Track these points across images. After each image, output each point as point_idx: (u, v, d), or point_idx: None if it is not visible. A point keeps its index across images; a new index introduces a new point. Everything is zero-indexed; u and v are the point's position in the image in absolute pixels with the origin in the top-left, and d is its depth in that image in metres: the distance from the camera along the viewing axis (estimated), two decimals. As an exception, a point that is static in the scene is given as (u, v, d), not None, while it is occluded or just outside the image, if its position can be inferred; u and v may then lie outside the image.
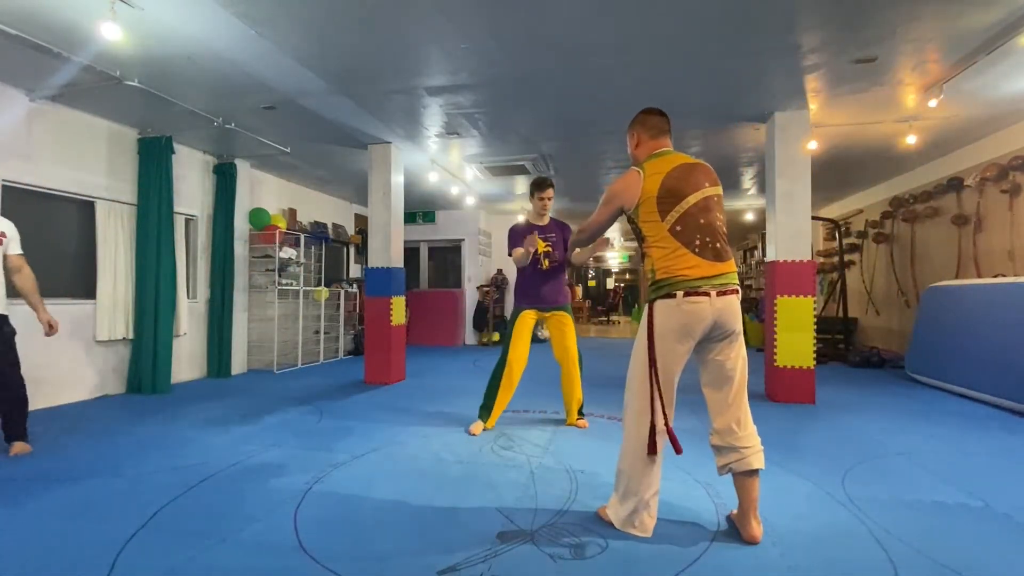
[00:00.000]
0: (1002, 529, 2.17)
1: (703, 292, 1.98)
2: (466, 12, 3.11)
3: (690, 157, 2.19)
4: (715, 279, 2.01)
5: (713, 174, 2.17)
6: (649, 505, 2.10)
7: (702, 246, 2.02)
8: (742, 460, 2.07)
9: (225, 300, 6.01)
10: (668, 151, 2.21)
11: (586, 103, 4.58)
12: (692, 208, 2.04)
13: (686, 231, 2.02)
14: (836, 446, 3.33)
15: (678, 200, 2.04)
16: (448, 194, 8.01)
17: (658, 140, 2.24)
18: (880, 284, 7.98)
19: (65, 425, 3.83)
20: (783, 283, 4.63)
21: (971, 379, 4.71)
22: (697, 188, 2.07)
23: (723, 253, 2.06)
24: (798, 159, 4.67)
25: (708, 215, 2.05)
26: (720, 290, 2.00)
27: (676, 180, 2.07)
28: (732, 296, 2.04)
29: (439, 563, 1.87)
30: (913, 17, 3.15)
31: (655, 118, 2.26)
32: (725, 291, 2.02)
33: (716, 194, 2.13)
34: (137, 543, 2.03)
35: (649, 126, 2.26)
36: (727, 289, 2.02)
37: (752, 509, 2.06)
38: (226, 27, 3.23)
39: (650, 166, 2.13)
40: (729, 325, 2.05)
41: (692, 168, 2.12)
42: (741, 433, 2.13)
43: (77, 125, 4.67)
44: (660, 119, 2.27)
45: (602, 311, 19.10)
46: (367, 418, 4.05)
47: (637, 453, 2.10)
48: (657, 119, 2.27)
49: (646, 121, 2.27)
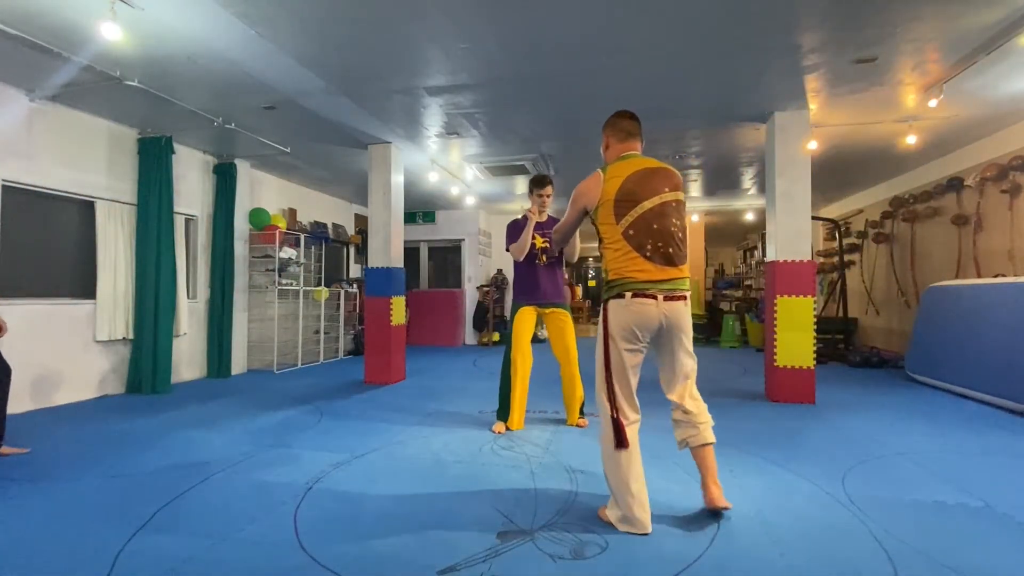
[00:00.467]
0: (1002, 529, 2.17)
1: (650, 295, 2.07)
2: (466, 12, 3.11)
3: (655, 162, 2.22)
4: (663, 283, 2.09)
5: (675, 179, 2.20)
6: (638, 499, 2.11)
7: (653, 250, 2.07)
8: (697, 435, 2.24)
9: (225, 300, 6.01)
10: (634, 155, 2.26)
11: (586, 103, 4.58)
12: (647, 213, 2.09)
13: (639, 235, 2.08)
14: (836, 446, 3.32)
15: (634, 204, 2.10)
16: (448, 194, 8.01)
17: (626, 143, 2.29)
18: (880, 284, 7.98)
19: (65, 425, 3.83)
20: (783, 283, 4.63)
21: (971, 379, 4.71)
22: (655, 193, 2.11)
23: (675, 258, 2.11)
24: (798, 159, 4.67)
25: (663, 220, 2.10)
26: (667, 294, 2.09)
27: (634, 184, 2.11)
28: (679, 302, 2.12)
29: (439, 563, 1.87)
30: (913, 17, 3.15)
31: (625, 121, 2.31)
32: (672, 296, 2.10)
33: (675, 199, 2.16)
34: (137, 543, 2.03)
35: (618, 129, 2.31)
36: (675, 294, 2.10)
37: (710, 476, 2.22)
38: (226, 27, 3.23)
39: (612, 169, 2.19)
40: (677, 328, 2.16)
41: (653, 173, 2.16)
42: (695, 410, 2.27)
43: (77, 125, 4.67)
44: (630, 123, 2.32)
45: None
46: (367, 418, 4.05)
47: (608, 450, 2.16)
48: (627, 123, 2.31)
49: (616, 124, 2.32)
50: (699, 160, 6.45)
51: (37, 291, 4.46)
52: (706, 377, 6.08)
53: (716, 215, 10.68)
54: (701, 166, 6.74)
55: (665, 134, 5.44)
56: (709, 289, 11.85)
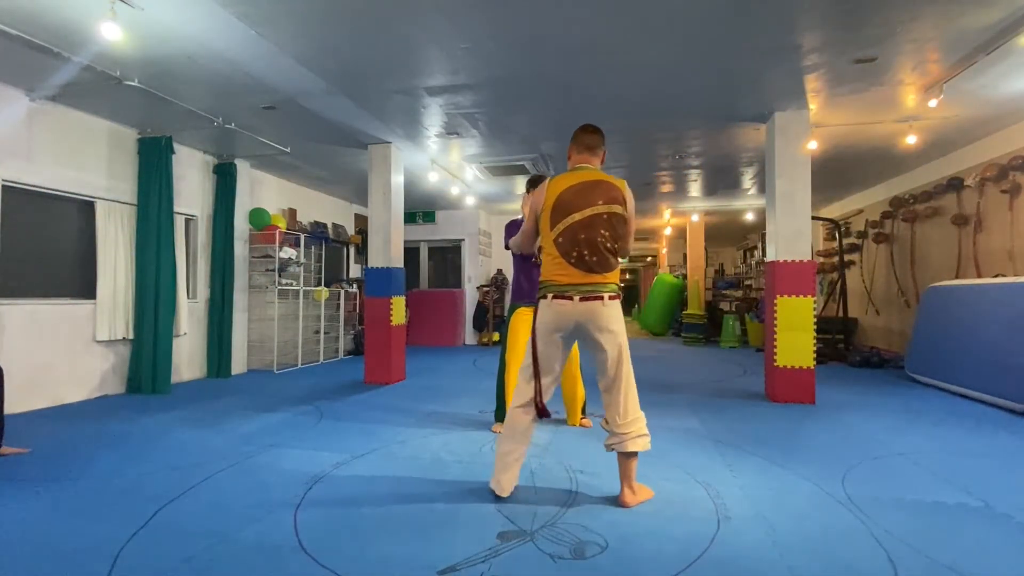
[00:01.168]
0: (1002, 529, 2.17)
1: (567, 296, 2.27)
2: (466, 12, 3.11)
3: (601, 175, 2.35)
4: (581, 287, 2.27)
5: (615, 192, 2.31)
6: (509, 468, 2.42)
7: (578, 258, 2.25)
8: (621, 444, 2.34)
9: (225, 300, 6.01)
10: (584, 168, 2.40)
11: (586, 103, 4.58)
12: (576, 224, 2.25)
13: (566, 243, 2.26)
14: (836, 446, 3.33)
15: (566, 215, 2.26)
16: (448, 194, 8.01)
17: (582, 156, 2.45)
18: (880, 284, 7.98)
19: (65, 425, 3.83)
20: (783, 283, 4.63)
21: (971, 379, 4.71)
22: (587, 205, 2.26)
23: (598, 266, 2.27)
24: (798, 159, 4.67)
25: (590, 231, 2.24)
26: (583, 296, 2.26)
27: (571, 195, 2.28)
28: (595, 302, 2.26)
29: (439, 563, 1.87)
30: (913, 17, 3.15)
31: (585, 136, 2.46)
32: (587, 297, 2.26)
33: (608, 212, 2.27)
34: (137, 543, 2.03)
35: (578, 142, 2.47)
36: (590, 295, 2.25)
37: (625, 481, 2.35)
38: (226, 27, 3.23)
39: (557, 179, 2.36)
40: (594, 327, 2.29)
41: (593, 186, 2.30)
42: (621, 421, 2.35)
43: (77, 125, 4.67)
44: (590, 137, 2.46)
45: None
46: (367, 418, 4.05)
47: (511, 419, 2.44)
48: (588, 137, 2.46)
49: (577, 137, 2.48)
50: (699, 160, 6.45)
51: (37, 291, 4.46)
52: (706, 377, 6.09)
53: (716, 215, 10.68)
54: (701, 166, 6.74)
55: (665, 134, 5.44)
56: (709, 289, 11.85)
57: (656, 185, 7.90)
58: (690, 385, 5.55)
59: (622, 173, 7.12)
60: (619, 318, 2.34)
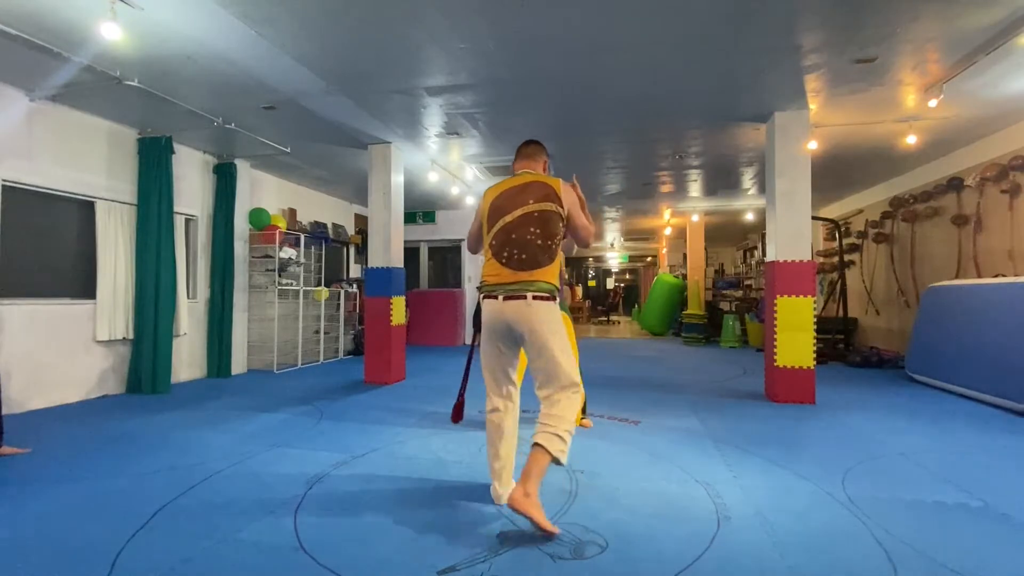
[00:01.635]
0: (1002, 529, 2.17)
1: (494, 296, 2.29)
2: (466, 12, 3.11)
3: (536, 176, 2.41)
4: (509, 285, 2.27)
5: (547, 190, 2.33)
6: (498, 475, 2.38)
7: (508, 257, 2.28)
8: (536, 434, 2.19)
9: (225, 300, 6.01)
10: (521, 173, 2.46)
11: (586, 103, 4.58)
12: (508, 225, 2.29)
13: (498, 244, 2.31)
14: (836, 446, 3.33)
15: (499, 217, 2.32)
16: (448, 194, 8.01)
17: (521, 163, 2.54)
18: (880, 284, 7.98)
19: (65, 425, 3.83)
20: (783, 283, 4.63)
21: (971, 379, 4.71)
22: (518, 207, 2.30)
23: (528, 263, 2.26)
24: (798, 159, 4.67)
25: (520, 231, 2.27)
26: (507, 295, 2.26)
27: (503, 200, 2.34)
28: (518, 301, 2.24)
29: (439, 563, 1.87)
30: (913, 17, 3.15)
31: (523, 147, 2.57)
32: (511, 296, 2.25)
33: (539, 210, 2.29)
34: (137, 543, 2.03)
35: (518, 153, 2.57)
36: (513, 294, 2.25)
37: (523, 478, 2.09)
38: (226, 27, 3.23)
39: (494, 187, 2.43)
40: (521, 325, 2.25)
41: (523, 188, 2.35)
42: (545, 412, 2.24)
43: (77, 125, 4.67)
44: (527, 148, 2.56)
45: (602, 311, 19.09)
46: (367, 418, 4.05)
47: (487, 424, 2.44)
48: (524, 148, 2.56)
49: (519, 149, 2.58)
50: (699, 160, 6.45)
51: (37, 291, 4.46)
52: (706, 377, 6.09)
53: (716, 215, 10.68)
54: (701, 166, 6.74)
55: (665, 134, 5.44)
56: (709, 289, 11.85)
57: (656, 185, 7.90)
58: (690, 385, 5.55)
59: (622, 173, 7.13)
60: (545, 318, 2.22)
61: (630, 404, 4.51)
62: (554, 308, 2.28)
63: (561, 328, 2.29)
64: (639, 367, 6.94)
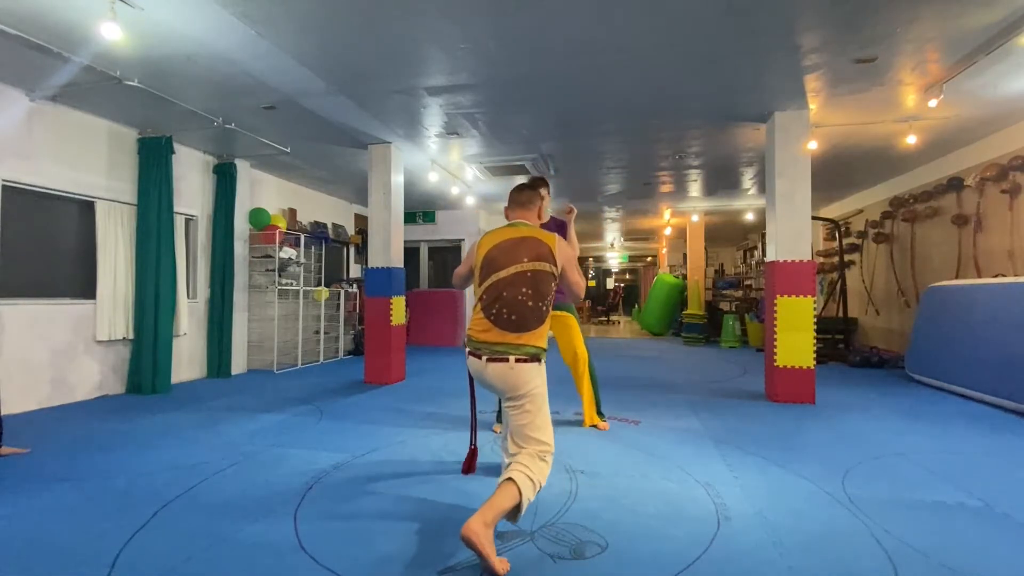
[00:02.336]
0: (1002, 529, 2.17)
1: (478, 354, 2.21)
2: (466, 12, 3.11)
3: (530, 231, 2.32)
4: (494, 346, 2.17)
5: (541, 249, 2.25)
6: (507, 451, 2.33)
7: (497, 315, 2.19)
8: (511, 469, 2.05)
9: (225, 300, 6.01)
10: (514, 223, 2.39)
11: (586, 103, 4.58)
12: (500, 281, 2.21)
13: (488, 299, 2.22)
14: (836, 446, 3.33)
15: (492, 272, 2.24)
16: (448, 194, 8.01)
17: (513, 211, 2.46)
18: (880, 284, 7.98)
19: (65, 425, 3.83)
20: (783, 283, 4.63)
21: (971, 379, 4.71)
22: (512, 263, 2.22)
23: (516, 325, 2.17)
24: (798, 159, 4.67)
25: (512, 289, 2.19)
26: (491, 356, 2.17)
27: (497, 253, 2.27)
28: (502, 364, 2.15)
29: (439, 563, 1.87)
30: (913, 17, 3.15)
31: (516, 193, 2.47)
32: (495, 358, 2.16)
33: (533, 269, 2.21)
34: (137, 543, 2.03)
35: (511, 200, 2.48)
36: (497, 356, 2.16)
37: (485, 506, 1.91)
38: (226, 27, 3.23)
39: (488, 236, 2.36)
40: (503, 387, 2.17)
41: (519, 243, 2.27)
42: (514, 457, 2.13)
43: (77, 125, 4.67)
44: (519, 194, 2.47)
45: (602, 311, 19.09)
46: (367, 418, 4.05)
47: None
48: (517, 194, 2.47)
49: (511, 195, 2.49)
50: (699, 160, 6.45)
51: (37, 291, 4.46)
52: (706, 377, 6.09)
53: (716, 215, 10.68)
54: (701, 166, 6.74)
55: (665, 134, 5.44)
56: (709, 289, 11.85)
57: (656, 185, 7.90)
58: (690, 385, 5.55)
59: (622, 173, 7.13)
60: (527, 380, 2.14)
61: (630, 404, 4.52)
62: (538, 370, 2.19)
63: (543, 391, 2.21)
64: (639, 367, 6.94)
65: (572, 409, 4.21)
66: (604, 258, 21.26)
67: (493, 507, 1.89)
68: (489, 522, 1.86)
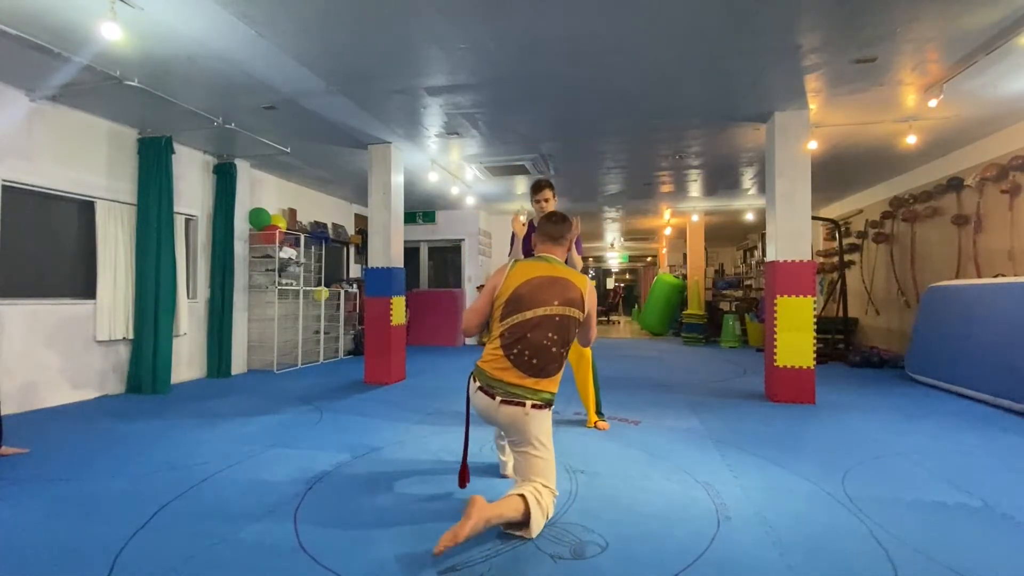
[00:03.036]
0: (1002, 529, 2.17)
1: (491, 393, 2.14)
2: (466, 12, 3.11)
3: (564, 271, 2.27)
4: (511, 387, 2.12)
5: (572, 293, 2.21)
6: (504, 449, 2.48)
7: (519, 355, 2.13)
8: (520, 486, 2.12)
9: (225, 300, 6.01)
10: (544, 257, 2.34)
11: (586, 103, 4.58)
12: (525, 322, 2.14)
13: (511, 338, 2.15)
14: (836, 446, 3.33)
15: (519, 310, 2.17)
16: (448, 194, 8.01)
17: (545, 245, 2.39)
18: (880, 284, 7.98)
19: (65, 425, 3.83)
20: (783, 283, 4.63)
21: (971, 379, 4.71)
22: (540, 305, 2.16)
23: (539, 371, 2.13)
24: (798, 159, 4.67)
25: (537, 332, 2.13)
26: (505, 398, 2.12)
27: (526, 290, 2.19)
28: (516, 408, 2.11)
29: (439, 563, 1.87)
30: (913, 17, 3.15)
31: (549, 226, 2.40)
32: (509, 401, 2.12)
33: (560, 314, 2.17)
34: (137, 543, 2.03)
35: (542, 232, 2.41)
36: (513, 399, 2.11)
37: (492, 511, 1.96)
38: (226, 27, 3.23)
39: (519, 268, 2.28)
40: (513, 430, 2.16)
41: (551, 283, 2.21)
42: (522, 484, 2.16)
43: (77, 125, 4.67)
44: (553, 227, 2.39)
45: (602, 311, 19.09)
46: (367, 418, 4.05)
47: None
48: (550, 227, 2.40)
49: (541, 226, 2.43)
50: (699, 160, 6.45)
51: (37, 291, 4.46)
52: (706, 377, 6.09)
53: (716, 215, 10.68)
54: (701, 166, 6.74)
55: (665, 134, 5.44)
56: (709, 289, 11.85)
57: (656, 185, 7.90)
58: (690, 385, 5.55)
59: (622, 173, 7.13)
60: (539, 427, 2.14)
61: (630, 404, 4.51)
62: (548, 416, 2.19)
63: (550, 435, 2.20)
64: (639, 367, 6.94)
65: (572, 409, 4.21)
66: (604, 258, 21.26)
67: (497, 507, 1.97)
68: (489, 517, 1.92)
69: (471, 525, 1.87)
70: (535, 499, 2.04)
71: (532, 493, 2.05)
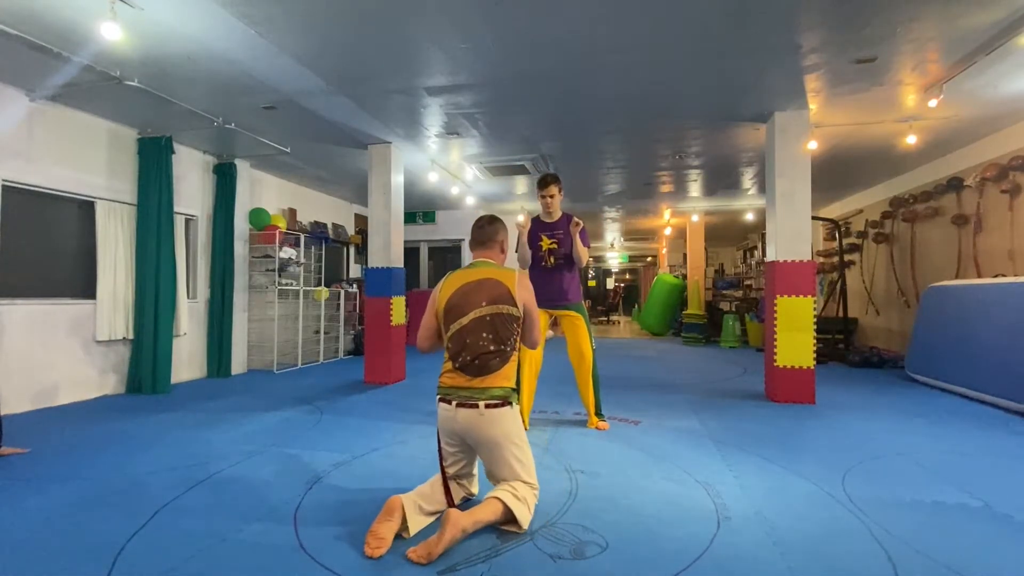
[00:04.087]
0: (1002, 529, 2.17)
1: (448, 400, 2.20)
2: (466, 12, 3.11)
3: (488, 271, 2.31)
4: (461, 391, 2.17)
5: (500, 289, 2.24)
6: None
7: (463, 362, 2.19)
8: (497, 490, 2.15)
9: (225, 300, 6.01)
10: (475, 263, 2.39)
11: (586, 103, 4.58)
12: (462, 329, 2.21)
13: (454, 347, 2.22)
14: (836, 446, 3.32)
15: (456, 318, 2.23)
16: (448, 194, 8.01)
17: (475, 251, 2.47)
18: (880, 284, 7.98)
19: (65, 425, 3.83)
20: (783, 283, 4.63)
21: (971, 379, 4.71)
22: (471, 308, 2.21)
23: (479, 370, 2.17)
24: (798, 159, 4.67)
25: (474, 335, 2.19)
26: (460, 401, 2.16)
27: (458, 298, 2.25)
28: (471, 410, 2.14)
29: (439, 563, 1.87)
30: (913, 17, 3.15)
31: (476, 230, 2.47)
32: (464, 403, 2.16)
33: (491, 313, 2.21)
34: (137, 543, 2.03)
35: (472, 238, 2.49)
36: (466, 402, 2.15)
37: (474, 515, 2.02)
38: (226, 27, 3.23)
39: (449, 279, 2.33)
40: (473, 435, 2.17)
41: (477, 287, 2.26)
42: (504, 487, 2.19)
43: (77, 125, 4.67)
44: (479, 231, 2.46)
45: (602, 311, 19.10)
46: (367, 418, 4.05)
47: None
48: (477, 231, 2.46)
49: (471, 233, 2.49)
50: (699, 160, 6.45)
51: (37, 291, 4.46)
52: (706, 377, 6.09)
53: (716, 215, 10.68)
54: (701, 166, 6.74)
55: (665, 134, 5.44)
56: (709, 289, 11.85)
57: (656, 185, 7.90)
58: (690, 385, 5.55)
59: (622, 173, 7.13)
60: (498, 422, 2.15)
61: (630, 404, 4.51)
62: (509, 414, 2.17)
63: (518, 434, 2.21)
64: (639, 367, 6.94)
65: (572, 409, 4.21)
66: (604, 258, 21.26)
67: (472, 514, 2.01)
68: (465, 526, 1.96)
69: (446, 540, 1.89)
70: (511, 495, 2.09)
71: (507, 490, 2.11)
